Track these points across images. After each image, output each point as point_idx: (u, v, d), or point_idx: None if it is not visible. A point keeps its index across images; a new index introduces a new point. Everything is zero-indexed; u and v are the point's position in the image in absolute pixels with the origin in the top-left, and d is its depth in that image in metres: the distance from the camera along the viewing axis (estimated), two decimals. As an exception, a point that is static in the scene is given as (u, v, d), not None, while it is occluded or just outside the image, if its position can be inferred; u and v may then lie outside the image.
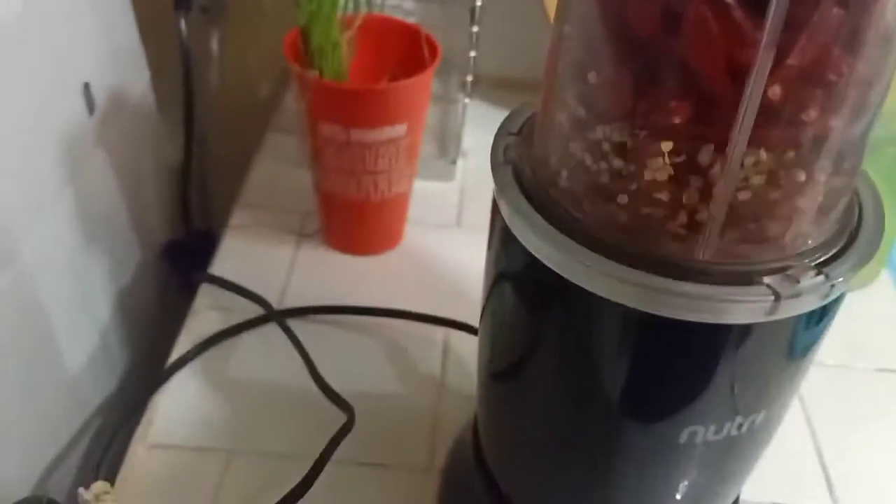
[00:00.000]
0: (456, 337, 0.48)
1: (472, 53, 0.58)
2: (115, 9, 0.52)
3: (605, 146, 0.24)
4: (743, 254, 0.24)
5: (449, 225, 0.57)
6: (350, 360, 0.47)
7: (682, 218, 0.23)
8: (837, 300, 0.25)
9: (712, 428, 0.26)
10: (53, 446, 0.46)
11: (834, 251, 0.24)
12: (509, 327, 0.30)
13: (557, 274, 0.24)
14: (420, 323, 0.49)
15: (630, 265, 0.23)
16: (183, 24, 0.59)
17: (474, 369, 0.36)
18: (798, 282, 0.23)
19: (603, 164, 0.24)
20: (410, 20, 0.54)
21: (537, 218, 0.25)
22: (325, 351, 0.46)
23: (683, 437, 0.27)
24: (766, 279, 0.23)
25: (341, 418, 0.41)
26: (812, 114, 0.22)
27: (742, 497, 0.37)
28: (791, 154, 0.23)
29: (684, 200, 0.23)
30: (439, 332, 0.49)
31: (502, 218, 0.26)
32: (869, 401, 0.47)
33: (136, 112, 0.55)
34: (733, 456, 0.29)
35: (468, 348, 0.47)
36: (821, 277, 0.23)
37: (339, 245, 0.54)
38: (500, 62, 0.67)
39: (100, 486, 0.38)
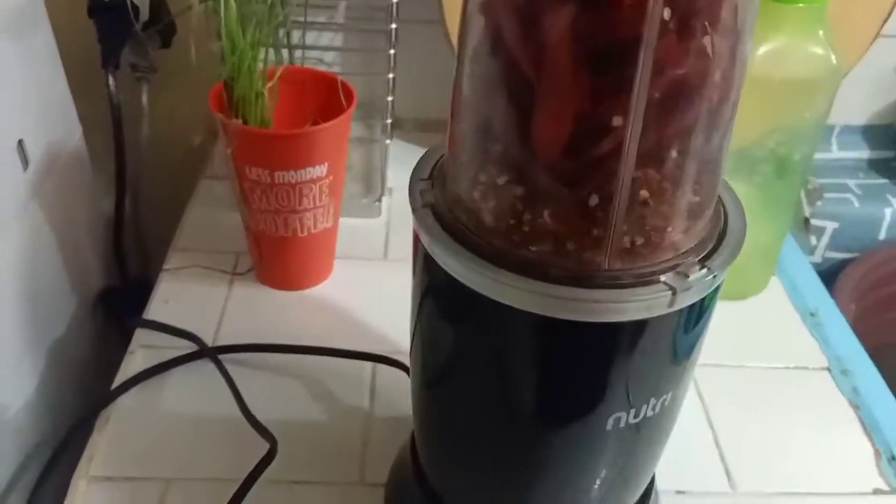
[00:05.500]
0: (383, 366, 0.51)
1: (390, 98, 0.62)
2: (45, 68, 0.54)
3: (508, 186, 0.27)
4: (633, 260, 0.27)
5: (377, 258, 0.61)
6: (279, 392, 0.49)
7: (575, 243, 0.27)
8: (713, 297, 0.29)
9: (632, 412, 0.29)
10: (-6, 490, 0.47)
11: (707, 250, 0.28)
12: (435, 342, 0.32)
13: (473, 290, 0.27)
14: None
15: (552, 281, 0.26)
16: (111, 80, 0.62)
17: (400, 394, 0.38)
18: (687, 276, 0.26)
19: (505, 200, 0.27)
20: (334, 70, 0.58)
21: (456, 246, 0.28)
22: (254, 384, 0.49)
23: (609, 425, 0.29)
24: (662, 277, 0.26)
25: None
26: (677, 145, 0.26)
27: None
28: (659, 172, 0.26)
29: (578, 229, 0.26)
30: (367, 363, 0.51)
31: (423, 247, 0.29)
32: (761, 395, 0.51)
33: (69, 165, 0.57)
34: (647, 438, 0.32)
35: (395, 375, 0.49)
36: (704, 270, 0.27)
37: (271, 281, 0.57)
38: (419, 105, 0.72)
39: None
